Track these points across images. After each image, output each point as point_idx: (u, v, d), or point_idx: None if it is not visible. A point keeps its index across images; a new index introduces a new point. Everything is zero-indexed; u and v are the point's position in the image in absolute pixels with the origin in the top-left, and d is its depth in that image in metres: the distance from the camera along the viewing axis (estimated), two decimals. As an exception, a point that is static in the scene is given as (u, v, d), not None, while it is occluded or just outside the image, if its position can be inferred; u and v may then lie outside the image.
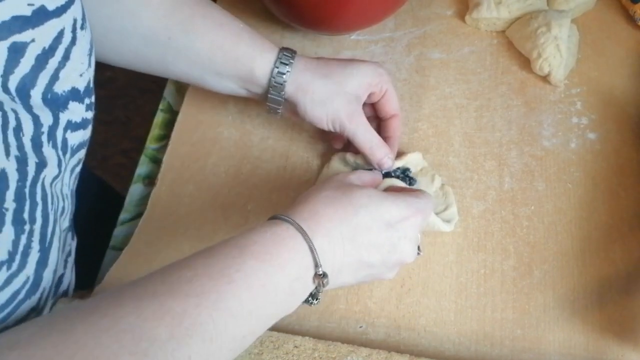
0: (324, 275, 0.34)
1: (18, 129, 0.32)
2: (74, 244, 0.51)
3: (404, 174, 0.48)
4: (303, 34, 0.59)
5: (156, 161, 0.54)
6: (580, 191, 0.50)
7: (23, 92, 0.32)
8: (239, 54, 0.44)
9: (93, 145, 0.42)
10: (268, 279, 0.32)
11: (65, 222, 0.43)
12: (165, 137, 0.56)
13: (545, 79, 0.55)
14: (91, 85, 0.38)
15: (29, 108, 0.33)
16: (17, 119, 0.31)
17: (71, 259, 0.50)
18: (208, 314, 0.29)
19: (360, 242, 0.36)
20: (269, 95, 0.45)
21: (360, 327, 0.44)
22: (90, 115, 0.38)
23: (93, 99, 0.39)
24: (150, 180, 0.53)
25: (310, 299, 0.36)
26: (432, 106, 0.54)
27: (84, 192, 0.48)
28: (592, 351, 0.43)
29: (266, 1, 0.55)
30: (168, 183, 0.52)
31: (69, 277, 0.50)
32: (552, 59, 0.54)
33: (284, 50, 0.45)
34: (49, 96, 0.34)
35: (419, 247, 0.41)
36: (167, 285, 0.30)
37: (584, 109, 0.54)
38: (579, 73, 0.56)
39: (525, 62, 0.56)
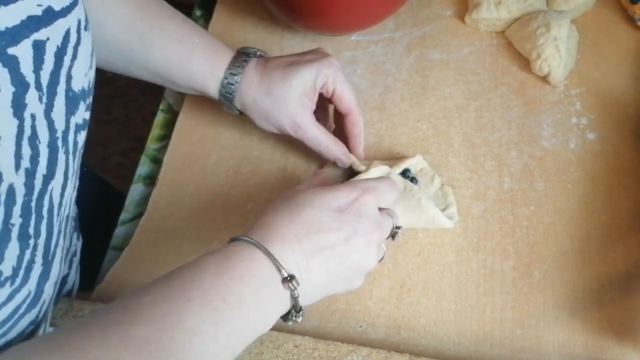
0: (292, 277, 0.34)
1: (34, 137, 0.32)
2: (79, 244, 0.51)
3: (404, 175, 0.48)
4: (303, 34, 0.59)
5: (156, 161, 0.54)
6: (580, 191, 0.50)
7: (52, 89, 0.33)
8: (192, 72, 0.46)
9: (93, 145, 0.42)
10: (228, 291, 0.32)
11: (70, 228, 0.42)
12: (165, 137, 0.56)
13: (544, 79, 0.55)
14: (91, 85, 0.39)
15: (49, 108, 0.33)
16: (33, 126, 0.32)
17: (76, 259, 0.50)
18: (170, 337, 0.29)
19: (316, 236, 0.36)
20: (225, 108, 0.48)
21: (360, 326, 0.45)
22: (88, 115, 0.39)
23: (91, 99, 0.39)
24: (150, 180, 0.54)
25: (292, 310, 0.35)
26: (432, 106, 0.55)
27: (85, 192, 0.48)
28: (591, 351, 0.43)
29: (266, 1, 0.55)
30: (168, 183, 0.52)
31: (74, 277, 0.50)
32: (552, 59, 0.54)
33: (231, 66, 0.46)
34: (70, 94, 0.35)
35: (399, 227, 0.41)
36: (129, 314, 0.30)
37: (583, 109, 0.54)
38: (578, 73, 0.56)
39: (525, 63, 0.56)
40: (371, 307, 0.45)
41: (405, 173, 0.48)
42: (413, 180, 0.48)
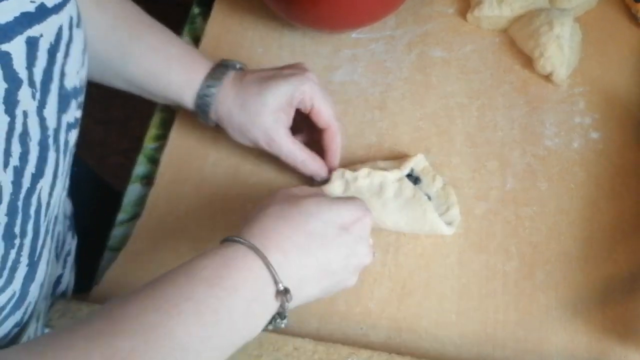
0: (286, 290, 0.33)
1: (24, 135, 0.31)
2: (74, 243, 0.50)
3: (408, 175, 0.48)
4: (303, 32, 0.59)
5: (154, 161, 0.54)
6: (583, 191, 0.49)
7: (46, 87, 0.33)
8: (168, 82, 0.46)
9: (91, 145, 0.42)
10: (220, 303, 0.31)
11: (64, 227, 0.42)
12: (163, 137, 0.55)
13: (547, 78, 0.55)
14: (83, 83, 0.39)
15: (42, 106, 0.33)
16: (25, 123, 0.31)
17: (70, 259, 0.50)
18: (156, 350, 0.28)
19: (316, 250, 0.35)
20: (200, 119, 0.48)
21: (361, 329, 0.44)
22: (80, 114, 0.39)
23: (83, 97, 0.39)
24: (148, 180, 0.53)
25: (277, 317, 0.34)
26: (434, 105, 0.54)
27: (83, 192, 0.48)
28: (595, 352, 0.43)
29: (266, -1, 0.55)
30: (166, 183, 0.51)
31: (68, 278, 0.49)
32: (555, 57, 0.53)
33: (208, 78, 0.46)
34: (62, 92, 0.35)
35: None
36: (115, 323, 0.29)
37: (586, 109, 0.53)
38: (581, 72, 0.55)
39: (528, 61, 0.56)
40: (372, 309, 0.45)
41: (410, 175, 0.48)
42: (417, 180, 0.48)
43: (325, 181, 0.47)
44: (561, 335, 0.43)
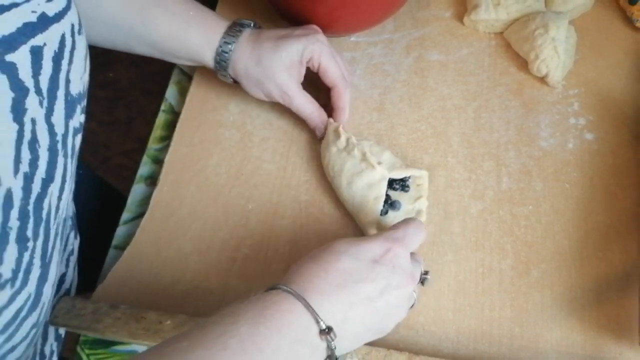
0: (329, 329, 0.33)
1: (34, 141, 0.32)
2: (76, 242, 0.51)
3: (399, 180, 0.49)
4: (303, 35, 0.60)
5: (158, 162, 0.55)
6: (578, 191, 0.50)
7: (53, 94, 0.33)
8: (190, 43, 0.49)
9: (95, 146, 0.43)
10: (265, 342, 0.31)
11: (66, 228, 0.43)
12: (167, 138, 0.56)
13: (542, 80, 0.55)
14: (86, 89, 0.39)
15: (50, 112, 0.33)
16: (33, 130, 0.32)
17: (73, 258, 0.51)
18: None
19: (353, 286, 0.35)
20: (219, 76, 0.51)
21: (360, 325, 0.45)
22: (83, 118, 0.39)
23: (85, 102, 0.40)
24: (152, 180, 0.54)
25: None
26: (431, 107, 0.55)
27: (86, 193, 0.49)
28: (589, 349, 0.43)
29: (266, 2, 0.56)
30: (169, 183, 0.52)
31: (71, 276, 0.50)
32: (550, 60, 0.54)
33: (225, 35, 0.49)
34: (69, 98, 0.35)
35: (427, 272, 0.41)
36: (164, 358, 0.30)
37: (581, 110, 0.54)
38: (576, 74, 0.56)
39: (523, 64, 0.56)
40: (370, 306, 0.45)
41: (404, 180, 0.48)
42: (404, 188, 0.48)
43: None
44: (556, 332, 0.44)
